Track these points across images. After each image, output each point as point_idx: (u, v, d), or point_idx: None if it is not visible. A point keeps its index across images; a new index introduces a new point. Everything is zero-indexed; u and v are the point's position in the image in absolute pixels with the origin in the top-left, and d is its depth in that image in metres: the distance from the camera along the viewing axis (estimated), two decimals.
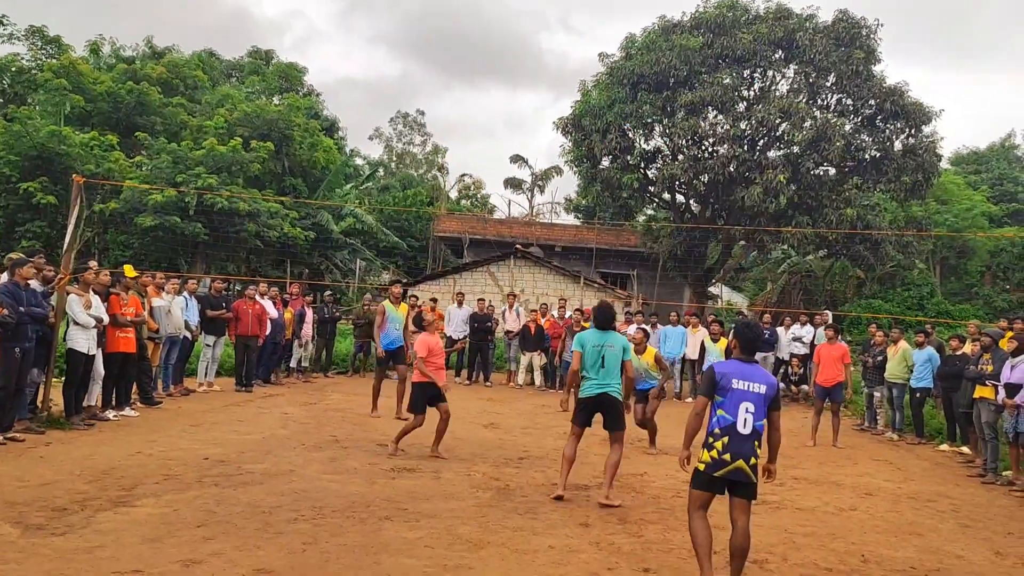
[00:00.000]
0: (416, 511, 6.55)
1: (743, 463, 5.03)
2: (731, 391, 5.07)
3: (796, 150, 22.69)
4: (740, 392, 5.06)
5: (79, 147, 20.90)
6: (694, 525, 5.16)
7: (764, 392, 5.10)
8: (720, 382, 5.11)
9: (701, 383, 5.30)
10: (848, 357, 12.18)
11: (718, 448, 5.04)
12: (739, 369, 5.16)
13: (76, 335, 9.31)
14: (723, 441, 5.04)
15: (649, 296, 26.31)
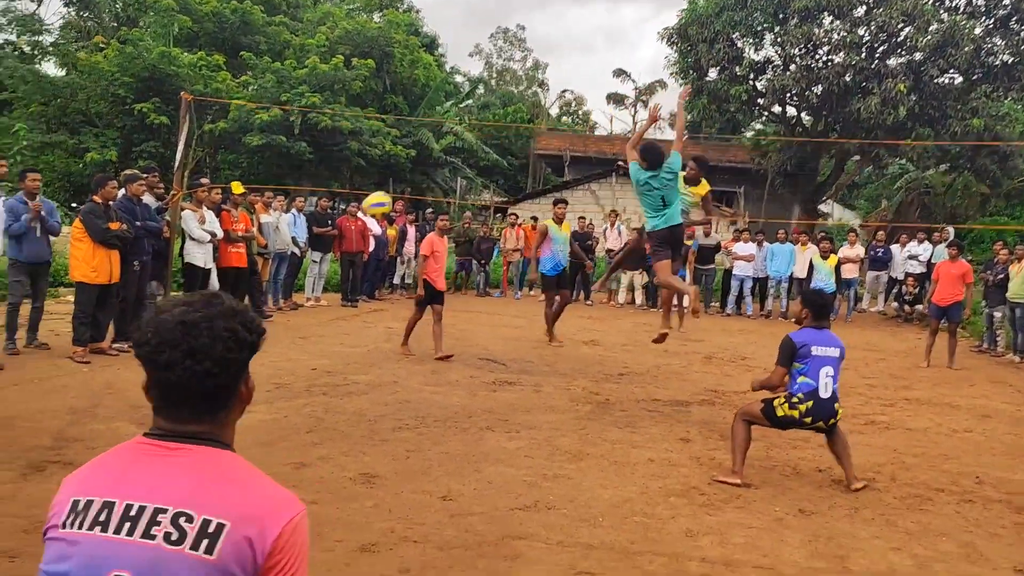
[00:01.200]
0: (516, 422, 6.63)
1: (823, 423, 5.30)
2: (811, 358, 5.24)
3: (919, 57, 21.14)
4: (820, 358, 5.26)
5: (188, 68, 21.41)
6: (743, 429, 5.42)
7: (838, 355, 5.35)
8: (800, 351, 5.28)
9: (780, 353, 5.38)
10: (970, 276, 11.43)
11: (801, 410, 5.24)
12: (815, 336, 5.35)
13: (193, 250, 9.70)
14: (807, 405, 5.23)
15: (756, 214, 25.46)
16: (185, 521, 1.39)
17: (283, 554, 1.43)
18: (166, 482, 1.43)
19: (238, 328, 1.51)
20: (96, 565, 1.38)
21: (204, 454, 1.49)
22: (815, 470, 5.83)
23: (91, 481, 1.48)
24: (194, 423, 1.51)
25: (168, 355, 1.46)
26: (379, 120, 24.01)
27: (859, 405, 8.19)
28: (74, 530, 1.41)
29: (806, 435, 6.68)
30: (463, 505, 4.68)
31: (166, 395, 1.51)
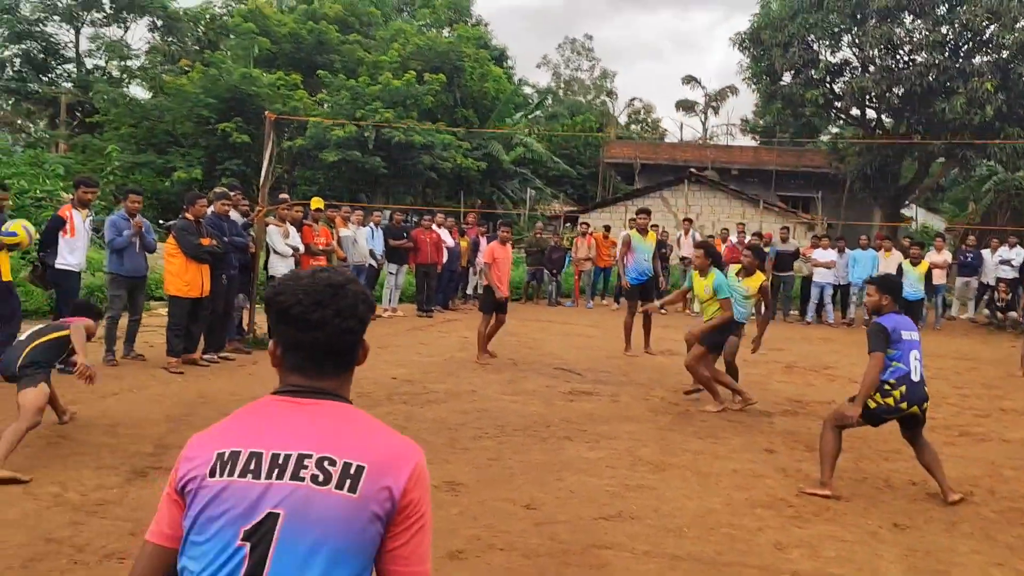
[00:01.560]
0: (595, 432, 6.62)
1: (917, 408, 5.26)
2: (902, 342, 5.22)
3: (1006, 55, 20.43)
4: (909, 342, 5.25)
5: (267, 88, 22.10)
6: (833, 437, 5.36)
7: (919, 338, 5.39)
8: (892, 336, 5.21)
9: (874, 339, 5.23)
10: None
11: (895, 396, 5.19)
12: (901, 321, 5.33)
13: (277, 263, 9.97)
14: (901, 390, 5.18)
15: (835, 219, 24.87)
16: (329, 464, 1.56)
17: (414, 493, 1.60)
18: (306, 432, 1.60)
19: (366, 293, 1.75)
20: (251, 505, 1.53)
21: (334, 407, 1.66)
22: (909, 483, 5.65)
23: (232, 436, 1.63)
24: (324, 380, 1.68)
25: (320, 314, 1.64)
26: (450, 133, 24.31)
27: (952, 416, 7.92)
28: (225, 477, 1.56)
29: (898, 446, 6.48)
30: (547, 514, 4.69)
31: (310, 353, 1.68)
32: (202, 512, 1.56)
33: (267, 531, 1.52)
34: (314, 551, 1.51)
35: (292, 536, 1.52)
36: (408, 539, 1.59)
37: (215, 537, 1.53)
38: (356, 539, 1.54)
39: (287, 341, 1.68)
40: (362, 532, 1.54)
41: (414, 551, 1.59)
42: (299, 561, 1.51)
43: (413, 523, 1.59)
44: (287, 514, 1.52)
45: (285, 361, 1.69)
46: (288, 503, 1.53)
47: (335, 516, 1.53)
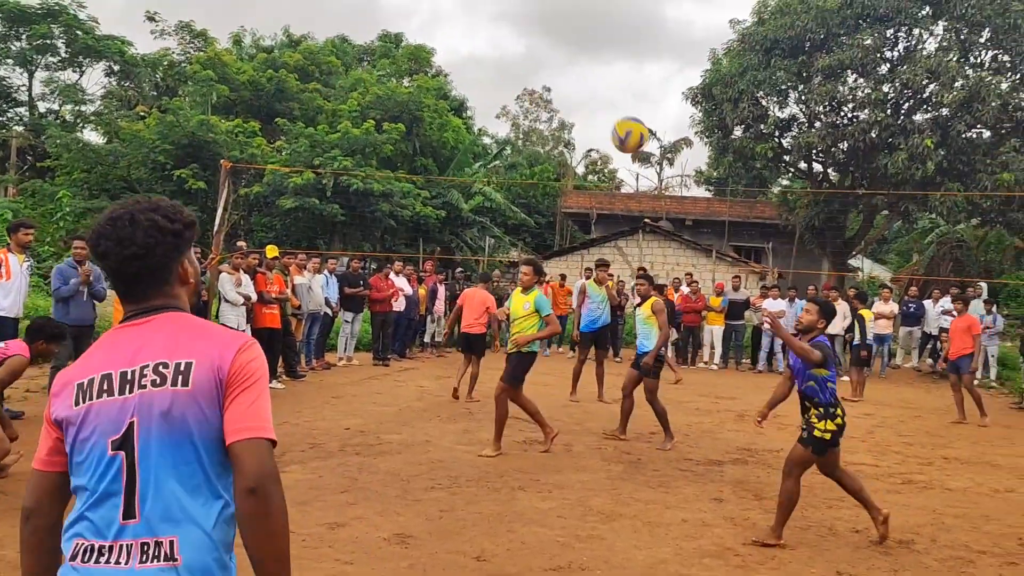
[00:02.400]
0: (548, 482, 6.64)
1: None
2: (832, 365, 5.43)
3: (945, 112, 21.24)
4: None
5: (225, 134, 22.07)
6: (794, 485, 5.38)
7: None
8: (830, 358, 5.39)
9: (824, 355, 5.39)
10: (977, 327, 11.11)
11: (841, 418, 5.36)
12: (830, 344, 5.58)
13: (227, 312, 9.91)
14: (840, 410, 5.39)
15: (785, 269, 25.41)
16: (163, 368, 1.75)
17: (239, 362, 1.78)
18: (144, 346, 1.79)
19: (157, 219, 1.84)
20: (114, 419, 1.74)
21: (165, 318, 1.84)
22: (852, 530, 5.76)
23: (85, 367, 1.82)
24: (150, 299, 1.85)
25: (103, 246, 1.82)
26: (409, 182, 24.46)
27: (896, 464, 8.10)
28: (85, 403, 1.77)
29: (842, 494, 6.61)
30: (497, 565, 4.70)
31: (116, 282, 1.87)
32: (76, 436, 1.77)
33: (130, 437, 1.73)
34: (169, 444, 1.72)
35: (147, 436, 1.72)
36: (236, 397, 1.75)
37: (91, 453, 1.75)
38: (201, 425, 1.74)
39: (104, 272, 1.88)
40: (204, 418, 1.74)
41: (241, 411, 1.74)
42: (160, 456, 1.72)
43: (243, 384, 1.76)
44: (139, 419, 1.73)
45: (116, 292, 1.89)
46: (138, 410, 1.73)
47: (176, 411, 1.73)
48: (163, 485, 1.71)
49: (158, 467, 1.71)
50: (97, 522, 1.72)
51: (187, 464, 1.73)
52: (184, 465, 1.73)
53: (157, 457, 1.72)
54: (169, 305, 1.86)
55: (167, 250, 1.84)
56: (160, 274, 1.84)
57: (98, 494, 1.73)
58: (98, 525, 1.72)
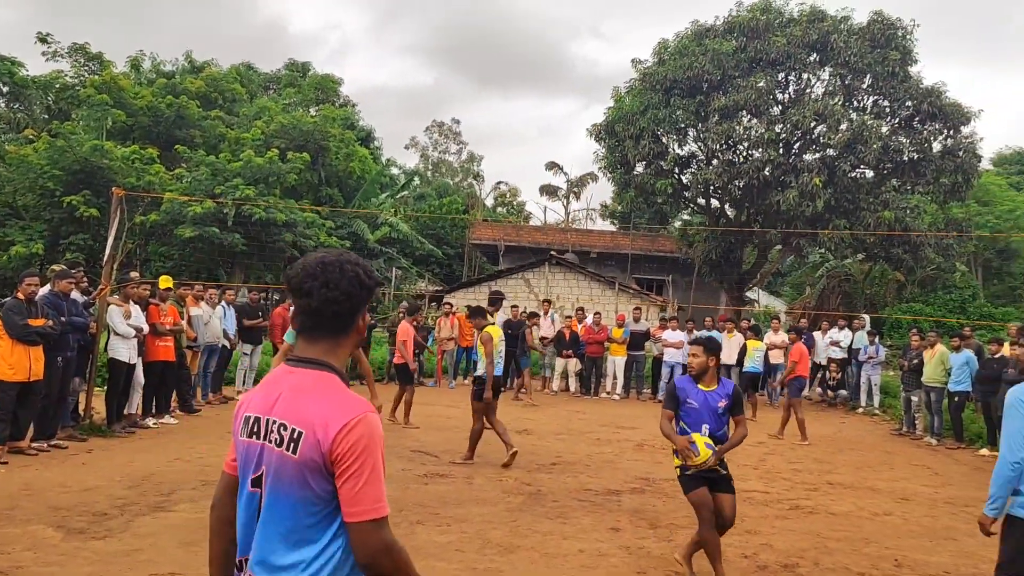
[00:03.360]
0: (448, 516, 6.62)
1: None
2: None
3: (832, 153, 22.43)
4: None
5: (120, 161, 21.31)
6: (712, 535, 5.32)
7: None
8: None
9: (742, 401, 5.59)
10: (794, 354, 12.50)
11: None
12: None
13: (117, 345, 9.54)
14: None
15: (685, 301, 26.15)
16: (282, 429, 1.95)
17: (341, 448, 1.89)
18: (281, 399, 1.99)
19: (360, 272, 2.05)
20: (254, 460, 2.00)
21: (307, 376, 2.01)
22: (741, 556, 5.94)
23: (254, 399, 2.07)
24: (318, 342, 2.05)
25: (309, 284, 2.01)
26: (314, 212, 24.15)
27: (785, 490, 8.40)
28: (243, 437, 2.04)
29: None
30: None
31: (307, 318, 2.05)
32: (239, 459, 2.08)
33: (260, 482, 1.97)
34: (286, 498, 1.92)
35: (271, 486, 1.95)
36: (342, 484, 1.89)
37: (241, 479, 2.05)
38: (308, 490, 1.90)
39: (296, 307, 2.09)
40: (309, 485, 1.90)
41: (348, 495, 1.88)
42: (279, 505, 1.93)
43: (346, 470, 1.88)
44: (266, 469, 1.96)
45: (295, 325, 2.10)
46: (267, 460, 1.96)
47: (288, 472, 1.92)
48: (268, 533, 1.95)
49: (270, 516, 1.95)
50: (243, 542, 2.04)
51: (293, 518, 1.93)
52: (292, 519, 1.93)
53: (279, 506, 1.94)
54: (324, 361, 2.03)
55: (358, 302, 2.05)
56: (346, 320, 2.05)
57: (243, 519, 2.04)
58: (244, 545, 2.03)
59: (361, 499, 1.87)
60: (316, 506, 1.91)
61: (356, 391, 2.00)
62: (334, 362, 2.04)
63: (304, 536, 1.92)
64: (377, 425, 1.94)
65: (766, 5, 23.81)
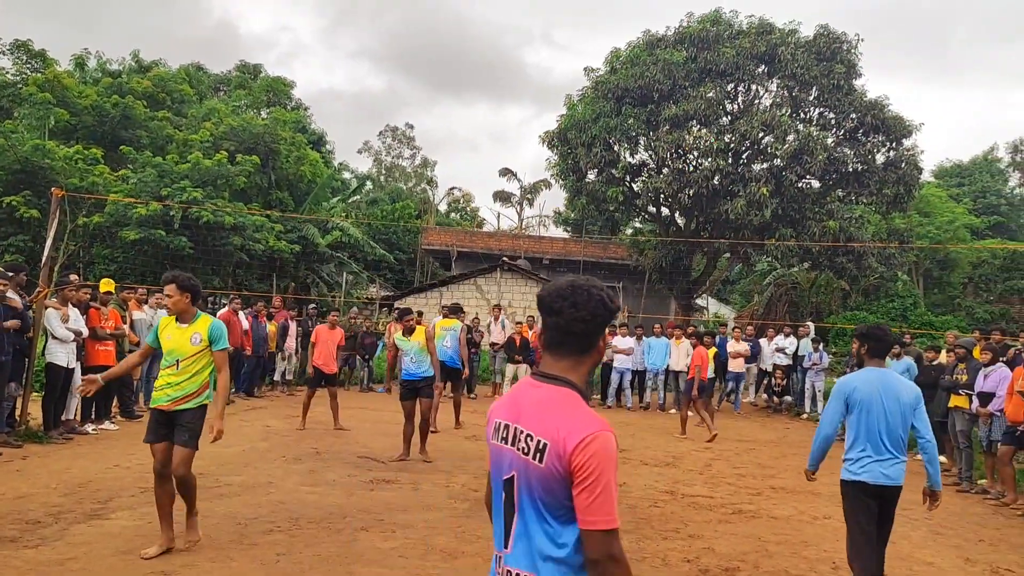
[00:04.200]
0: (392, 522, 6.58)
1: None
2: None
3: (779, 163, 22.86)
4: None
5: (63, 161, 20.79)
6: None
7: None
8: None
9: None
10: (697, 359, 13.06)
11: None
12: None
13: (55, 349, 9.31)
14: None
15: (635, 309, 26.39)
16: (529, 439, 2.13)
17: (579, 458, 2.03)
18: (528, 410, 2.18)
19: (604, 296, 2.24)
20: (504, 464, 2.21)
21: (554, 391, 2.18)
22: (683, 560, 6.00)
23: (502, 407, 2.30)
24: (562, 359, 2.23)
25: (559, 304, 2.19)
26: (263, 216, 23.84)
27: (729, 495, 8.51)
28: (494, 441, 2.28)
29: (676, 525, 6.91)
30: None
31: (555, 335, 2.23)
32: (491, 461, 2.32)
33: (511, 483, 2.18)
34: (537, 500, 2.11)
35: (522, 489, 2.15)
36: (578, 493, 2.03)
37: (494, 480, 2.28)
38: (553, 496, 2.08)
39: (543, 326, 2.28)
40: (554, 491, 2.08)
41: (583, 505, 2.02)
42: (530, 507, 2.13)
43: (581, 481, 2.02)
44: (516, 474, 2.16)
45: (541, 343, 2.29)
46: (516, 465, 2.17)
47: (536, 478, 2.10)
48: (526, 531, 2.14)
49: (526, 516, 2.14)
50: (497, 536, 2.26)
51: (542, 519, 2.11)
52: (541, 520, 2.11)
53: (525, 508, 2.14)
54: (566, 379, 2.20)
55: (601, 323, 2.22)
56: (589, 340, 2.22)
57: (495, 515, 2.28)
58: (498, 540, 2.25)
59: (594, 510, 2.02)
60: (562, 509, 2.08)
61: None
62: (575, 379, 2.21)
63: (555, 535, 2.09)
64: (611, 443, 2.08)
65: (716, 17, 24.22)
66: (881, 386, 4.84)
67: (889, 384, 4.87)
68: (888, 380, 4.90)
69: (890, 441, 4.92)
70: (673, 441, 12.39)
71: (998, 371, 9.35)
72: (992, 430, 9.33)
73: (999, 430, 9.15)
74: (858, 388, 4.88)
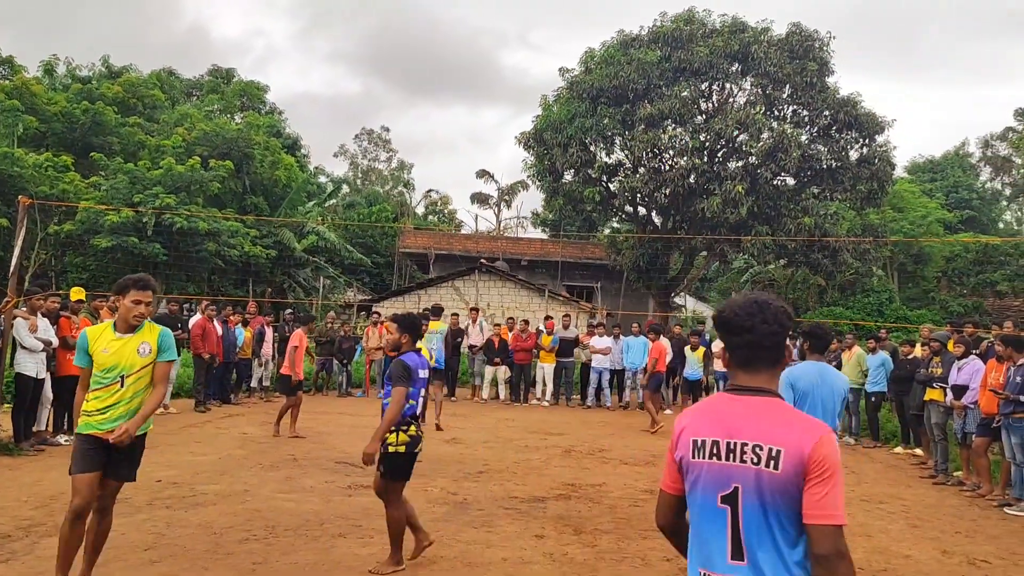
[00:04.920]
0: (370, 528, 6.51)
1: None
2: (419, 380, 5.58)
3: (754, 161, 23.00)
4: (423, 380, 5.68)
5: (32, 169, 20.58)
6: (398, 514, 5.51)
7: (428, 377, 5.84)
8: (413, 373, 5.52)
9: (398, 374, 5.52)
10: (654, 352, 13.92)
11: (412, 433, 5.51)
12: (420, 360, 5.66)
13: (24, 359, 9.15)
14: (414, 427, 5.54)
15: (614, 308, 26.42)
16: (758, 450, 2.17)
17: (818, 454, 2.11)
18: (742, 424, 2.22)
19: (786, 309, 2.34)
20: (722, 479, 2.21)
21: (760, 402, 2.25)
22: (663, 559, 5.99)
23: (697, 424, 2.30)
24: (759, 373, 2.29)
25: (750, 321, 2.27)
26: (238, 221, 23.66)
27: None
28: (702, 459, 2.25)
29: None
30: None
31: (745, 351, 2.30)
32: (694, 480, 2.29)
33: (735, 498, 2.19)
34: (764, 512, 2.15)
35: (749, 502, 2.17)
36: (814, 485, 2.10)
37: (703, 498, 2.26)
38: (788, 503, 2.12)
39: (729, 345, 2.34)
40: (790, 497, 2.12)
41: (813, 500, 2.10)
42: (757, 519, 2.16)
43: (819, 475, 2.10)
44: (743, 487, 2.18)
45: (731, 362, 2.34)
46: (742, 479, 2.18)
47: (769, 488, 2.14)
48: (763, 541, 2.15)
49: (759, 526, 2.15)
50: (708, 556, 2.23)
51: (779, 527, 2.14)
52: (776, 528, 2.14)
53: (757, 518, 2.15)
54: (767, 390, 2.27)
55: (784, 337, 2.30)
56: (777, 352, 2.29)
57: (706, 534, 2.25)
58: (710, 559, 2.22)
59: (826, 504, 2.09)
60: (796, 515, 2.13)
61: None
62: (775, 388, 2.30)
63: (791, 539, 2.14)
64: (836, 442, 2.22)
65: (689, 16, 24.33)
66: (819, 377, 5.64)
67: (826, 376, 5.69)
68: (824, 371, 5.73)
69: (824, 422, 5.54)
70: (653, 440, 12.40)
71: (971, 364, 9.42)
72: (967, 422, 9.41)
73: (973, 422, 9.22)
74: (800, 378, 5.63)
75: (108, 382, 4.69)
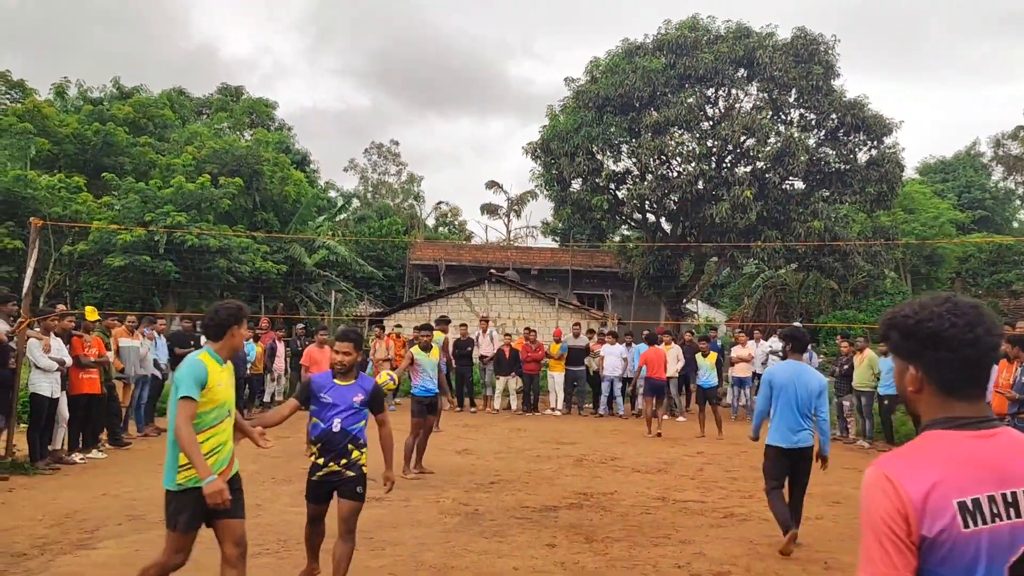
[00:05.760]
0: (382, 539, 6.54)
1: (336, 465, 5.26)
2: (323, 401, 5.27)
3: (762, 165, 22.93)
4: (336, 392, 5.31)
5: (45, 190, 20.77)
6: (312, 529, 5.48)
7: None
8: (315, 390, 5.30)
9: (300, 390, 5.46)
10: (642, 359, 14.06)
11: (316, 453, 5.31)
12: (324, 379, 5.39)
13: (39, 379, 9.24)
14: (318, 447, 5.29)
15: (625, 316, 26.39)
16: None
17: None
18: (1007, 466, 1.76)
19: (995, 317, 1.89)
20: (1009, 545, 1.71)
21: (1007, 434, 1.82)
22: (675, 566, 5.98)
23: (949, 483, 1.72)
24: (978, 405, 1.83)
25: (975, 333, 1.78)
26: (248, 237, 23.79)
27: (720, 499, 8.50)
28: (977, 526, 1.71)
29: (668, 531, 6.89)
30: None
31: (956, 374, 1.81)
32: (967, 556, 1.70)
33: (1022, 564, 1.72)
34: None
35: None
36: None
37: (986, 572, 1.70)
38: None
39: (932, 363, 1.82)
40: None
41: None
42: None
43: None
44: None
45: (934, 387, 1.83)
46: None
47: None
48: None
49: None
50: None
51: None
52: None
53: None
54: (994, 417, 1.85)
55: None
56: (990, 370, 1.87)
57: None
58: None
59: None
60: None
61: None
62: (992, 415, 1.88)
63: None
64: None
65: (693, 23, 24.34)
66: (796, 375, 6.22)
67: (801, 374, 6.27)
68: (801, 371, 6.32)
69: (800, 416, 6.39)
70: (665, 447, 12.37)
71: None
72: None
73: None
74: (779, 376, 6.25)
75: (222, 417, 4.54)
